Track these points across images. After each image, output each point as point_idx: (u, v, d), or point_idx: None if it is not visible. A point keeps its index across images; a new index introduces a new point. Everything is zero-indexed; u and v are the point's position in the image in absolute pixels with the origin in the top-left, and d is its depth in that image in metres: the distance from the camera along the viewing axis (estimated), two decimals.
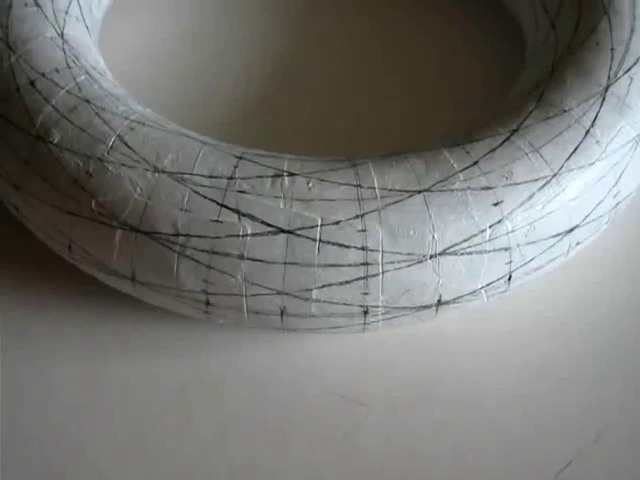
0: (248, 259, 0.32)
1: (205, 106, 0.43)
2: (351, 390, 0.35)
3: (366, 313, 0.33)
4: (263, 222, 0.32)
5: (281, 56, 0.45)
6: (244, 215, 0.32)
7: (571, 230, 0.34)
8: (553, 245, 0.34)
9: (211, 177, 0.33)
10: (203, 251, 0.32)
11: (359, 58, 0.45)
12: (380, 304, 0.33)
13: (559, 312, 0.36)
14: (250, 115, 0.42)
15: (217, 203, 0.32)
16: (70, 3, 0.39)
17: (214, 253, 0.32)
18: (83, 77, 0.36)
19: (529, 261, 0.34)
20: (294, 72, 0.45)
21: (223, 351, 0.35)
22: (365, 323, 0.33)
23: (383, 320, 0.34)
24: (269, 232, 0.32)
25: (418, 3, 0.47)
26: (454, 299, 0.33)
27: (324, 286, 0.32)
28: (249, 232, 0.32)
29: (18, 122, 0.35)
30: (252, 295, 0.33)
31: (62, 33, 0.37)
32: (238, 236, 0.32)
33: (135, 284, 0.34)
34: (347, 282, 0.32)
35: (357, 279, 0.32)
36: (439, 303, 0.33)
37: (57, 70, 0.36)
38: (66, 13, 0.38)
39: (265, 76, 0.45)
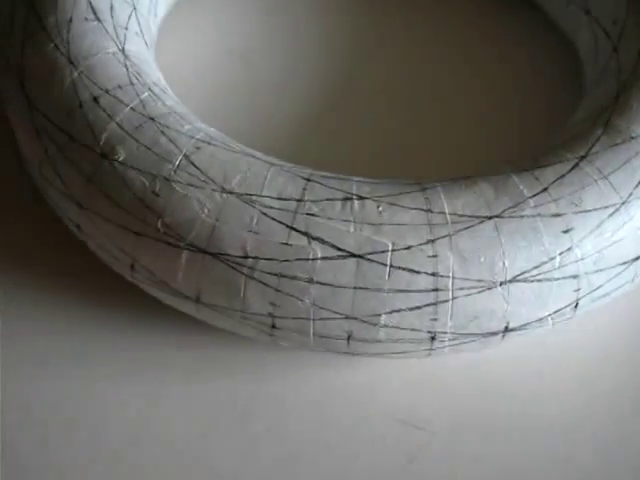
0: (317, 283, 0.33)
1: (263, 124, 0.43)
2: (415, 414, 0.35)
3: (433, 339, 0.33)
4: (333, 246, 0.33)
5: (344, 73, 0.46)
6: (314, 238, 0.33)
7: (638, 258, 0.35)
8: (620, 273, 0.35)
9: (280, 199, 0.33)
10: (271, 274, 0.33)
11: (425, 78, 0.46)
12: (448, 330, 0.33)
13: (624, 338, 0.37)
14: (310, 134, 0.43)
15: (286, 226, 0.33)
16: (130, 18, 0.40)
17: (282, 276, 0.33)
18: (146, 94, 0.36)
19: (596, 289, 0.34)
20: (356, 90, 0.45)
21: (285, 373, 0.36)
22: (431, 349, 0.34)
23: (449, 346, 0.34)
24: (339, 256, 0.33)
25: (480, 23, 0.48)
26: (521, 326, 0.34)
27: (393, 311, 0.33)
28: (319, 256, 0.33)
29: (82, 139, 0.35)
30: (319, 319, 0.33)
31: (123, 49, 0.38)
32: (307, 260, 0.33)
33: (199, 305, 0.34)
34: (417, 308, 0.33)
35: (427, 305, 0.33)
36: (506, 330, 0.34)
37: (120, 87, 0.36)
38: (126, 29, 0.39)
39: (327, 93, 0.45)
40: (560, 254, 0.33)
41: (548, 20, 0.47)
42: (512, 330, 0.34)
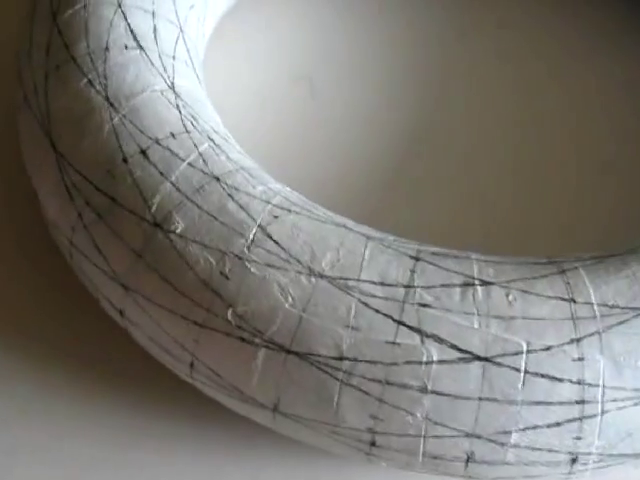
0: (432, 392, 0.28)
1: (339, 176, 0.38)
2: None
3: (574, 461, 0.28)
4: (452, 346, 0.28)
5: (424, 121, 0.41)
6: (428, 336, 0.28)
7: None
8: None
9: (384, 285, 0.28)
10: (374, 380, 0.28)
11: (527, 128, 0.41)
12: (594, 451, 0.28)
13: None
14: (403, 192, 0.38)
15: (393, 319, 0.28)
16: (177, 43, 0.34)
17: (388, 383, 0.28)
18: (206, 145, 0.31)
19: None
20: (456, 132, 0.40)
21: None
22: (570, 472, 0.29)
23: (593, 469, 0.29)
24: (460, 359, 0.28)
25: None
26: None
27: (527, 428, 0.28)
28: (434, 358, 0.28)
29: (128, 203, 0.30)
30: (433, 437, 0.28)
31: (173, 84, 0.32)
32: (420, 363, 0.28)
33: (277, 415, 0.29)
34: (557, 424, 0.28)
35: (569, 420, 0.28)
36: None
37: (173, 135, 0.31)
38: (173, 57, 0.33)
39: (420, 137, 0.40)
40: None
41: None
42: None
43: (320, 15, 0.42)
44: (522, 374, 0.28)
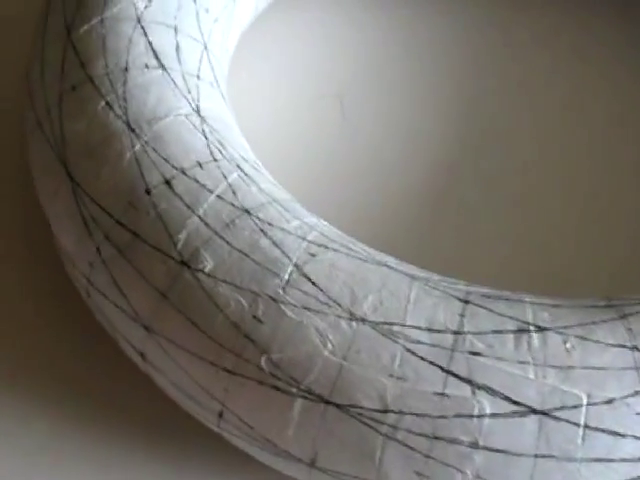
0: (484, 448, 0.26)
1: (357, 204, 0.36)
2: None
3: None
4: (506, 398, 0.26)
5: (469, 145, 0.38)
6: (480, 387, 0.26)
7: None
8: None
9: (431, 330, 0.26)
10: (420, 434, 0.26)
11: (581, 158, 0.38)
12: None
13: None
14: (431, 223, 0.36)
15: (441, 369, 0.26)
16: (201, 61, 0.32)
17: (436, 438, 0.26)
18: (235, 174, 0.29)
19: None
20: (486, 167, 0.38)
21: None
22: None
23: None
24: (515, 412, 0.26)
25: None
26: None
27: None
28: (487, 411, 0.26)
29: (152, 238, 0.28)
30: None
31: (198, 107, 0.30)
32: (471, 416, 0.26)
33: (314, 471, 0.27)
34: None
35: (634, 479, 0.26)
36: None
37: (200, 164, 0.29)
38: (198, 77, 0.31)
39: (446, 167, 0.37)
40: None
41: None
42: None
43: (349, 27, 0.40)
44: (582, 429, 0.26)
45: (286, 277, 0.27)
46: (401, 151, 0.37)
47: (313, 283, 0.27)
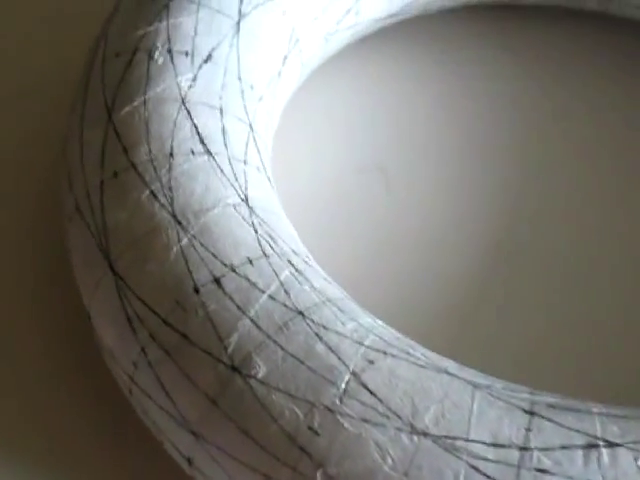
0: None
1: (406, 292, 0.35)
2: None
3: None
4: None
5: (528, 226, 0.37)
6: None
7: None
8: None
9: (496, 446, 0.25)
10: None
11: None
12: None
13: None
14: (488, 316, 0.34)
15: None
16: (247, 144, 0.31)
17: None
18: (287, 272, 0.28)
19: None
20: (547, 251, 0.36)
21: None
22: None
23: None
24: None
25: None
26: None
27: None
28: None
29: (201, 341, 0.27)
30: None
31: (246, 197, 0.29)
32: None
33: None
34: None
35: None
36: None
37: (250, 261, 0.28)
38: (245, 162, 0.31)
39: (509, 250, 0.36)
40: None
41: None
42: None
43: (392, 96, 0.39)
44: None
45: (343, 386, 0.26)
46: (451, 226, 0.36)
47: (372, 393, 0.26)
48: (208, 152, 0.30)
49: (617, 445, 0.26)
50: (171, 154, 0.30)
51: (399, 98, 0.39)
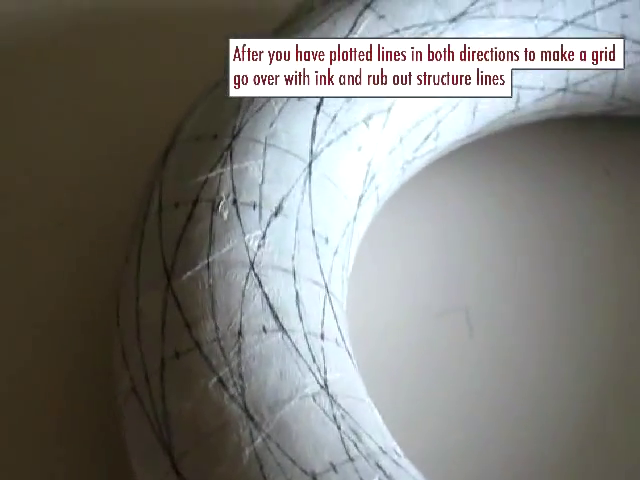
0: None
1: (492, 450, 0.32)
2: None
3: None
4: None
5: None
6: None
7: None
8: None
9: None
10: None
11: None
12: None
13: None
14: None
15: None
16: (324, 313, 0.28)
17: None
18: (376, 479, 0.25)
19: None
20: None
21: None
22: None
23: None
24: None
25: None
26: None
27: None
28: None
29: None
30: None
31: (326, 382, 0.27)
32: None
33: None
34: None
35: None
36: None
37: (334, 467, 0.25)
38: (322, 337, 0.28)
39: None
40: None
41: None
42: None
43: (472, 228, 0.36)
44: None
45: None
46: (549, 377, 0.34)
47: None
48: (282, 328, 0.27)
49: None
50: (240, 332, 0.27)
51: (481, 231, 0.36)
